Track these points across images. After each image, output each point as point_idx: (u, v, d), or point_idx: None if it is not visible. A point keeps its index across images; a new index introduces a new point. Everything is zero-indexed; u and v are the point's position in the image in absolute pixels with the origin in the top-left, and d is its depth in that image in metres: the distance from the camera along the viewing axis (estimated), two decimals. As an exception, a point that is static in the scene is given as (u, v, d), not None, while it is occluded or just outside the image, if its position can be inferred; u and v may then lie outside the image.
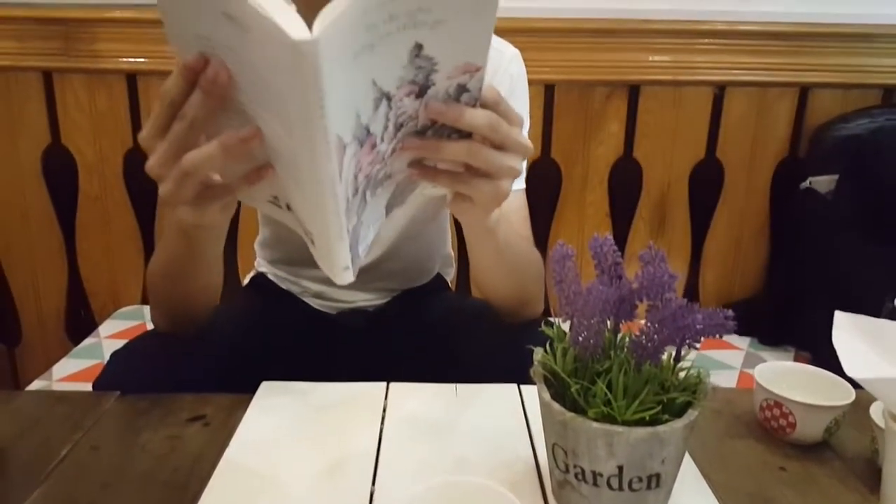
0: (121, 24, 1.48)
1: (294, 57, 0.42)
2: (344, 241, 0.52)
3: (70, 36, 1.48)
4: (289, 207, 0.57)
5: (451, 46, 0.50)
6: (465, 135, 0.58)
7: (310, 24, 0.42)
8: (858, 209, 1.38)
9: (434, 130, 0.57)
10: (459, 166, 0.60)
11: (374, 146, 0.52)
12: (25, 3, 1.49)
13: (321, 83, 0.43)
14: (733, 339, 1.52)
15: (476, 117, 0.56)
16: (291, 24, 0.41)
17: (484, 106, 0.57)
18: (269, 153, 0.53)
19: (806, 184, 1.47)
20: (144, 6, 1.48)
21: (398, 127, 0.54)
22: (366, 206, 0.56)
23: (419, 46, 0.49)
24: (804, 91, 1.53)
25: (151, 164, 0.55)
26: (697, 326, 0.48)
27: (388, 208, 0.62)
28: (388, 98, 0.50)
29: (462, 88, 0.54)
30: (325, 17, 0.43)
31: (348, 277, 0.55)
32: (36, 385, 1.27)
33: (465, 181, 0.60)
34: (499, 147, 0.58)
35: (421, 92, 0.52)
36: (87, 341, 1.45)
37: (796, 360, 1.43)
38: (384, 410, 0.72)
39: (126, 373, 0.79)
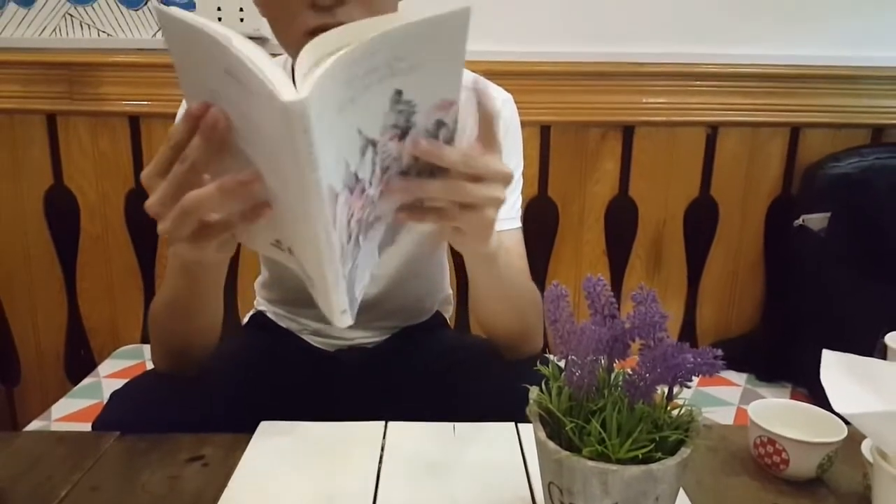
0: (124, 68, 1.52)
1: (284, 117, 0.44)
2: (340, 287, 0.54)
3: (75, 80, 1.51)
4: (290, 251, 0.59)
5: (428, 88, 0.53)
6: (446, 171, 0.60)
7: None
8: (851, 246, 1.40)
9: (416, 169, 0.59)
10: (444, 202, 0.62)
11: (363, 191, 0.54)
12: (31, 47, 1.53)
13: (311, 140, 0.45)
14: (731, 375, 1.52)
15: (450, 155, 0.58)
16: (280, 84, 0.44)
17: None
18: (270, 197, 0.55)
19: (799, 221, 1.49)
20: (148, 51, 1.52)
21: (384, 170, 0.56)
22: (359, 249, 0.58)
23: (399, 92, 0.52)
24: (795, 131, 1.56)
25: (151, 202, 0.58)
26: (688, 365, 0.49)
27: (380, 249, 0.63)
28: (374, 144, 0.53)
29: (440, 123, 0.57)
30: (307, 75, 0.45)
31: (346, 320, 0.56)
32: (35, 425, 1.27)
33: (451, 216, 0.62)
34: (477, 179, 0.60)
35: (403, 134, 0.55)
36: (87, 381, 1.45)
37: (793, 396, 1.43)
38: (382, 450, 0.72)
39: (125, 413, 0.79)
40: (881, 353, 0.82)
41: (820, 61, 1.52)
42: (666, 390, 0.53)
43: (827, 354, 0.55)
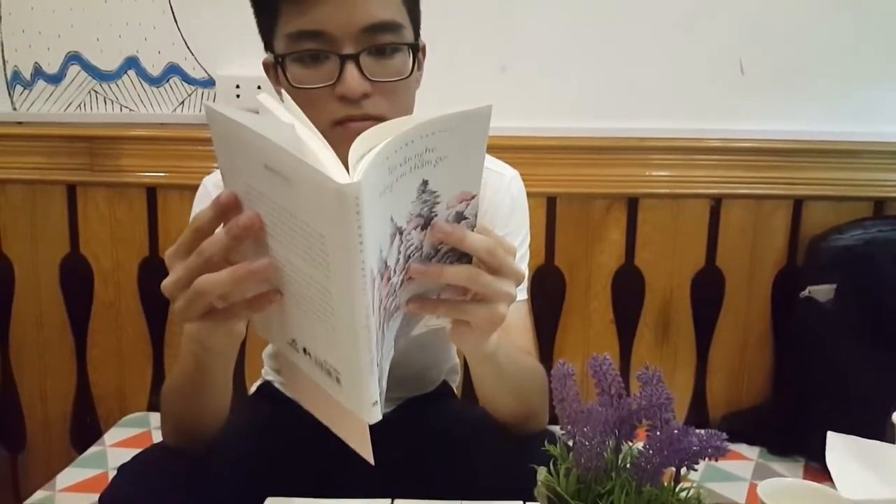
0: (144, 141, 1.57)
1: (338, 199, 0.46)
2: (374, 375, 0.54)
3: (96, 152, 1.56)
4: (305, 351, 0.60)
5: (451, 179, 0.56)
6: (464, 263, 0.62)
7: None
8: (857, 318, 1.40)
9: (436, 260, 0.61)
10: (459, 294, 0.63)
11: (389, 279, 0.55)
12: (55, 122, 1.59)
13: (362, 222, 0.47)
14: (742, 448, 1.50)
15: (476, 240, 0.60)
16: (334, 169, 0.48)
17: (479, 233, 0.61)
18: (293, 297, 0.57)
19: (805, 293, 1.49)
20: (167, 125, 1.57)
21: (407, 258, 0.57)
22: (383, 339, 0.58)
23: (425, 182, 0.54)
24: (798, 203, 1.58)
25: (166, 284, 0.60)
26: (694, 448, 0.50)
27: (396, 341, 0.64)
28: (401, 232, 0.55)
29: (460, 216, 0.59)
30: (358, 162, 0.48)
31: (376, 414, 0.56)
32: (39, 495, 1.26)
33: (463, 308, 0.63)
34: (495, 272, 0.62)
35: (426, 224, 0.57)
36: (92, 450, 1.44)
37: (806, 470, 1.41)
38: (389, 529, 0.72)
39: (133, 488, 0.79)
40: (892, 430, 0.81)
41: (821, 136, 1.55)
42: (674, 472, 0.54)
43: (832, 437, 0.55)
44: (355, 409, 0.57)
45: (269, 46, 0.84)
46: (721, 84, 1.55)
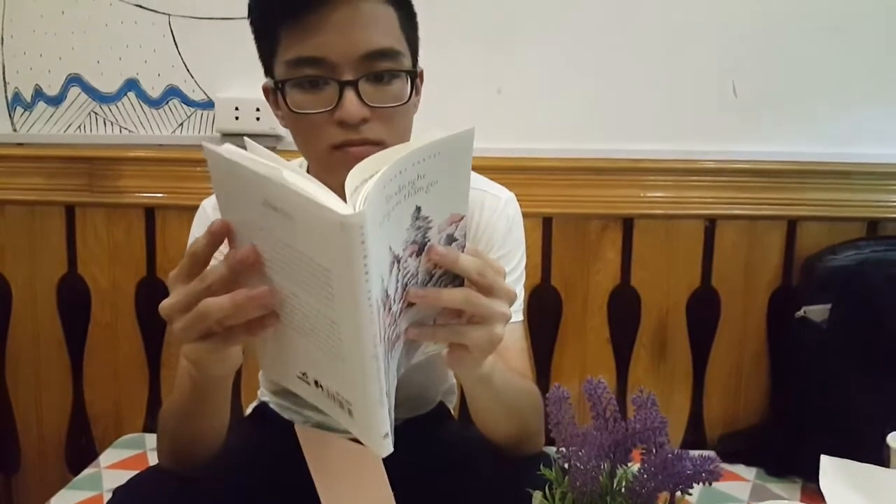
0: (143, 162, 1.58)
1: (343, 230, 0.47)
2: (384, 406, 0.55)
3: (95, 173, 1.57)
4: (317, 384, 0.60)
5: (441, 203, 0.57)
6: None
7: None
8: (852, 338, 1.40)
9: (431, 284, 0.62)
10: (455, 318, 0.64)
11: (389, 308, 0.56)
12: (55, 143, 1.60)
13: (367, 251, 0.48)
14: (740, 469, 1.49)
15: (467, 262, 0.62)
16: (335, 203, 0.48)
17: (469, 255, 0.63)
18: (300, 330, 0.57)
19: (800, 313, 1.50)
20: (166, 146, 1.59)
21: (404, 286, 0.58)
22: (388, 369, 0.58)
23: (418, 209, 0.56)
24: (792, 223, 1.59)
25: (164, 306, 0.61)
26: (688, 472, 0.50)
27: (397, 371, 0.64)
28: (399, 261, 0.55)
29: (451, 238, 0.61)
30: (355, 192, 0.49)
31: (388, 446, 0.57)
32: (33, 518, 1.25)
33: (461, 331, 0.64)
34: (487, 292, 0.63)
35: (420, 250, 0.58)
36: (87, 471, 1.43)
37: (804, 492, 1.40)
38: (386, 552, 0.72)
39: (129, 510, 0.79)
40: (888, 452, 0.82)
41: (814, 157, 1.57)
42: (668, 496, 0.54)
43: (825, 461, 0.56)
44: (368, 442, 0.57)
45: (269, 72, 0.85)
46: (715, 106, 1.57)
